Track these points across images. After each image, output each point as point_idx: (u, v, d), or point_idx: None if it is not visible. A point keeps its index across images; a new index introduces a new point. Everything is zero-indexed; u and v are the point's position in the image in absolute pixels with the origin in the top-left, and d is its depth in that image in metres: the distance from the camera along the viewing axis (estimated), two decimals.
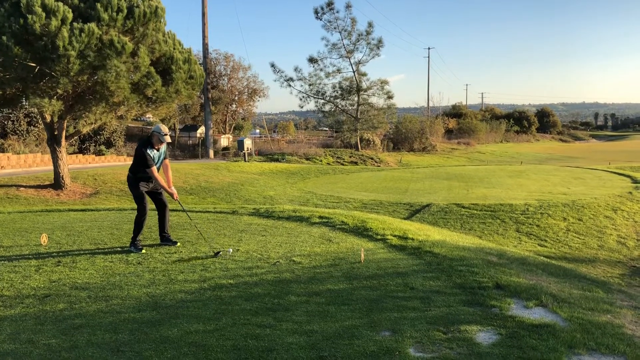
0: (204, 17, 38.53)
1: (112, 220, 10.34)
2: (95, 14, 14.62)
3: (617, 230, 14.02)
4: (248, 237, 8.05)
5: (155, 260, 6.80)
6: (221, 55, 52.59)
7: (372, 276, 5.78)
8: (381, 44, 41.85)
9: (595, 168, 28.03)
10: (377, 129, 45.91)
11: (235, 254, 6.94)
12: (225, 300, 5.09)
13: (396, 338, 4.05)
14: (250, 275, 5.97)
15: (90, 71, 15.15)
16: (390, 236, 7.79)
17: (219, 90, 51.29)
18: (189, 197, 19.13)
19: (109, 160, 33.69)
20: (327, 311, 4.71)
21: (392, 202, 17.30)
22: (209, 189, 20.98)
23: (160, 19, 16.50)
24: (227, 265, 6.40)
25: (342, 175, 27.19)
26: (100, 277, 6.03)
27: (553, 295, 5.07)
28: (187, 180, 22.02)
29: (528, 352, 3.75)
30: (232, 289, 5.45)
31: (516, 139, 77.79)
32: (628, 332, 4.29)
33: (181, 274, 6.08)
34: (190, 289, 5.50)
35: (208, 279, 5.84)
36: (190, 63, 17.65)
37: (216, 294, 5.30)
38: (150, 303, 5.09)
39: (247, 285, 5.59)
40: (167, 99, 17.35)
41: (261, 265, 6.35)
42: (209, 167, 26.59)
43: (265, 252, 7.00)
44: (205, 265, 6.42)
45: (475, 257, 6.60)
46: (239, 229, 8.83)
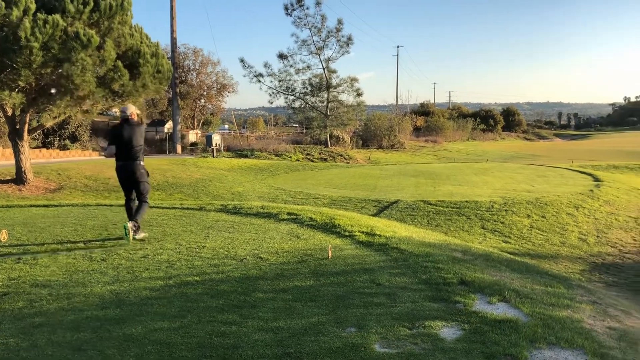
0: (172, 10, 37.98)
1: (75, 216, 10.12)
2: (60, 6, 14.27)
3: (579, 227, 14.39)
4: (215, 234, 7.99)
5: (120, 257, 6.69)
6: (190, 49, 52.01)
7: (339, 272, 5.80)
8: (351, 42, 41.96)
9: (558, 166, 28.69)
10: (347, 126, 46.05)
11: (202, 251, 6.88)
12: (190, 298, 5.04)
13: (362, 334, 4.07)
14: (216, 272, 5.92)
15: (55, 64, 14.78)
16: (358, 233, 7.83)
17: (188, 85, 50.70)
18: (156, 193, 18.87)
19: (74, 154, 32.97)
20: (294, 308, 4.71)
21: (361, 198, 17.39)
22: (176, 185, 20.73)
23: (127, 12, 16.20)
24: (194, 262, 6.35)
25: (311, 172, 27.21)
26: (63, 275, 5.90)
27: (516, 291, 5.18)
28: (154, 176, 21.70)
29: (491, 346, 3.82)
30: (198, 286, 5.40)
31: (482, 137, 79.07)
32: (586, 326, 4.41)
33: (146, 271, 5.99)
34: (155, 286, 5.43)
35: (174, 276, 5.77)
36: (158, 57, 17.39)
37: (182, 291, 5.24)
38: (114, 300, 5.01)
39: (213, 282, 5.55)
40: (134, 94, 17.06)
41: (228, 262, 6.31)
42: (177, 163, 26.27)
43: (233, 249, 6.96)
44: (171, 263, 6.35)
45: (440, 253, 6.69)
46: (206, 226, 8.76)
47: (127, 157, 7.67)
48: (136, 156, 7.68)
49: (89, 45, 14.52)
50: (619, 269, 11.88)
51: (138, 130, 7.77)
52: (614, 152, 51.01)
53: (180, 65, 47.43)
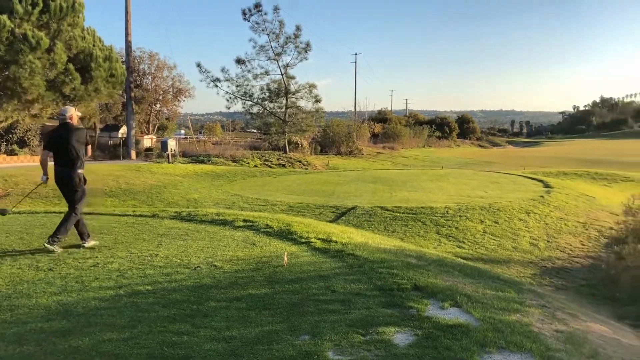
0: (127, 13, 37.29)
1: (22, 224, 9.75)
2: (7, 6, 13.80)
3: (530, 232, 14.77)
4: (168, 242, 7.84)
5: (68, 266, 6.48)
6: (145, 53, 51.05)
7: (295, 280, 5.77)
8: (309, 48, 42.08)
9: (510, 173, 29.44)
10: (306, 132, 46.11)
11: (154, 259, 6.73)
12: (141, 307, 4.92)
13: (315, 342, 4.06)
14: (169, 281, 5.80)
15: (1, 66, 14.27)
16: (315, 239, 7.82)
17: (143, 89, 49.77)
18: (109, 199, 18.41)
19: (22, 160, 31.83)
20: (247, 316, 4.65)
21: (319, 204, 17.40)
22: (129, 191, 20.27)
23: (79, 14, 15.80)
24: (145, 271, 6.20)
25: (269, 178, 27.07)
26: (6, 285, 5.67)
27: (467, 296, 5.26)
28: (106, 182, 21.18)
29: (442, 351, 3.86)
30: (149, 296, 5.27)
31: (438, 144, 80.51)
32: (535, 329, 4.52)
33: (96, 281, 5.82)
34: (105, 296, 5.27)
35: (124, 286, 5.62)
36: (111, 61, 17.03)
37: (132, 301, 5.11)
38: (60, 312, 4.84)
39: (165, 291, 5.43)
40: (86, 98, 16.65)
41: (181, 271, 6.19)
42: (131, 169, 25.71)
43: (186, 257, 6.84)
44: (122, 271, 6.19)
45: (395, 259, 6.75)
46: (159, 233, 8.58)
47: (64, 163, 7.21)
48: (73, 162, 7.20)
49: (38, 47, 14.09)
50: (567, 272, 12.26)
51: (76, 135, 7.26)
52: (564, 159, 52.77)
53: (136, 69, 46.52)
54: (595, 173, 30.25)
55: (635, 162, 44.55)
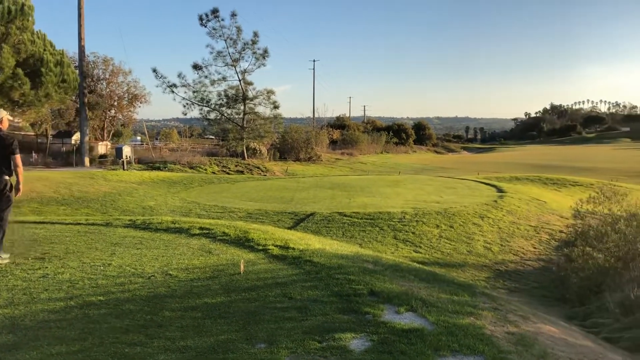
0: (80, 17, 36.38)
1: None
2: None
3: (484, 236, 15.10)
4: (122, 251, 7.66)
5: (15, 277, 6.25)
6: (100, 58, 49.97)
7: (251, 287, 5.73)
8: (267, 54, 42.03)
9: (465, 178, 30.05)
10: (264, 138, 45.95)
11: (107, 269, 6.57)
12: (93, 319, 4.79)
13: (271, 349, 4.04)
14: (122, 291, 5.67)
15: None
16: (272, 246, 7.79)
17: (97, 94, 48.65)
18: (61, 207, 17.88)
19: None
20: (203, 325, 4.59)
21: (278, 211, 17.34)
22: (83, 199, 19.74)
23: (28, 17, 15.35)
24: (98, 281, 6.04)
25: (227, 185, 26.83)
26: None
27: (422, 300, 5.34)
28: (58, 190, 20.57)
29: (398, 356, 3.90)
30: (101, 307, 5.14)
31: (395, 150, 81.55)
32: (487, 332, 4.62)
33: (45, 292, 5.63)
34: (55, 308, 5.11)
35: (75, 297, 5.46)
36: (63, 66, 16.59)
37: (83, 312, 4.97)
38: (7, 325, 4.66)
39: (118, 301, 5.30)
40: (37, 103, 16.17)
41: (135, 280, 6.06)
42: (84, 176, 25.04)
43: (140, 266, 6.70)
44: (74, 282, 6.01)
45: (352, 264, 6.79)
46: (113, 242, 8.38)
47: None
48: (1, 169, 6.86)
49: None
50: (520, 275, 12.58)
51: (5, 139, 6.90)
52: (516, 165, 54.26)
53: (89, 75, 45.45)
54: (546, 178, 31.21)
55: (584, 167, 46.24)
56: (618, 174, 37.62)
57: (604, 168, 45.31)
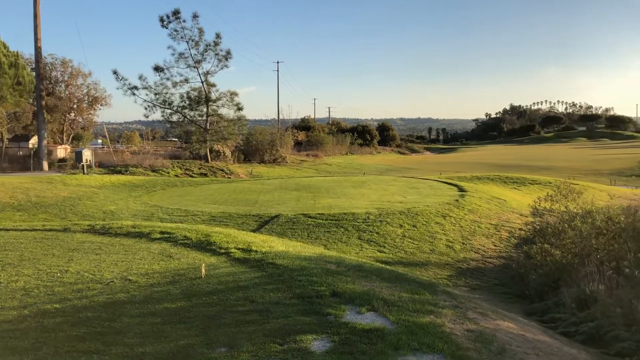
0: (36, 18, 35.34)
1: None
2: None
3: (446, 235, 15.31)
4: (80, 257, 7.48)
5: None
6: (58, 60, 48.72)
7: (213, 292, 5.67)
8: (229, 56, 41.66)
9: (428, 178, 30.41)
10: (228, 140, 45.53)
11: (64, 276, 6.41)
12: (48, 328, 4.66)
13: (232, 354, 4.01)
14: (79, 298, 5.54)
15: None
16: (234, 249, 7.73)
17: (56, 97, 47.43)
18: (17, 213, 17.35)
19: None
20: (162, 331, 4.52)
21: (242, 214, 17.21)
22: (40, 204, 19.20)
23: None
24: (54, 288, 5.88)
25: (190, 188, 26.50)
26: None
27: (384, 300, 5.38)
28: (14, 195, 19.96)
29: (359, 356, 3.92)
30: (57, 315, 5.01)
31: (360, 152, 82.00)
32: (447, 330, 4.69)
33: None
34: (7, 318, 4.95)
35: (30, 305, 5.31)
36: (18, 68, 16.12)
37: (38, 321, 4.83)
38: None
39: (75, 309, 5.18)
40: None
41: (93, 287, 5.93)
42: (42, 181, 24.35)
43: (99, 272, 6.55)
44: (28, 290, 5.84)
45: (315, 266, 6.79)
46: (71, 248, 8.18)
47: None
48: None
49: None
50: (481, 272, 12.81)
51: None
52: (477, 164, 55.25)
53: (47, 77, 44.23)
54: (506, 177, 31.85)
55: (542, 166, 47.43)
56: (575, 173, 38.75)
57: (561, 167, 46.58)
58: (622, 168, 42.48)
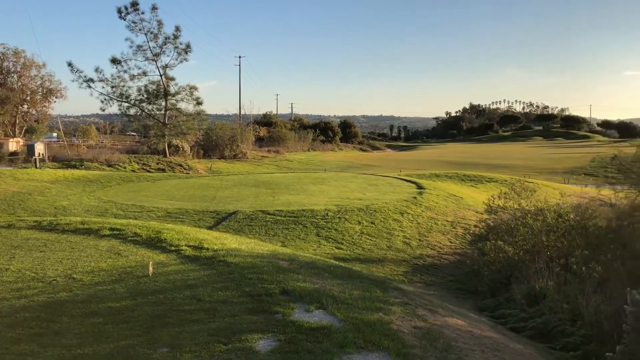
0: None
1: None
2: None
3: (404, 231, 15.44)
4: (23, 254, 7.21)
5: None
6: (10, 50, 47.15)
7: (159, 290, 5.54)
8: (189, 49, 41.01)
9: (388, 175, 30.65)
10: (187, 135, 44.84)
11: (4, 274, 6.15)
12: None
13: (174, 354, 3.90)
14: (18, 297, 5.32)
15: None
16: (185, 247, 7.57)
17: (7, 88, 45.88)
18: None
19: None
20: (103, 331, 4.38)
21: (199, 210, 16.97)
22: None
23: None
24: None
25: (147, 183, 25.98)
26: None
27: (334, 298, 5.35)
28: None
29: (304, 355, 3.87)
30: None
31: (322, 148, 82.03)
32: (394, 327, 4.69)
33: None
34: None
35: None
36: None
37: None
38: None
39: (12, 309, 4.97)
40: None
41: (34, 285, 5.71)
42: None
43: (42, 270, 6.32)
44: None
45: (267, 264, 6.72)
46: (14, 245, 7.87)
47: None
48: None
49: None
50: (437, 269, 12.96)
51: None
52: (437, 162, 56.01)
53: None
54: (464, 175, 32.39)
55: (500, 164, 48.42)
56: (530, 171, 39.69)
57: (518, 165, 47.64)
58: (575, 167, 43.74)
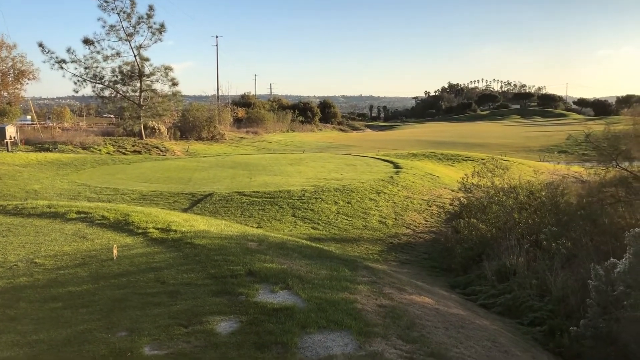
0: None
1: None
2: None
3: (380, 211, 15.47)
4: None
5: None
6: None
7: (123, 273, 5.45)
8: (164, 29, 40.23)
9: (366, 155, 30.63)
10: (163, 116, 44.24)
11: None
12: None
13: (132, 338, 3.84)
14: None
15: None
16: (153, 229, 7.47)
17: None
18: None
19: None
20: (61, 316, 4.29)
21: (174, 192, 16.79)
22: None
23: None
24: None
25: (122, 166, 25.62)
26: None
27: (300, 278, 5.32)
28: None
29: (264, 336, 3.84)
30: None
31: (301, 129, 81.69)
32: (359, 306, 4.67)
33: None
34: None
35: None
36: None
37: None
38: None
39: None
40: None
41: None
42: None
43: (3, 255, 6.18)
44: None
45: (235, 245, 6.66)
46: None
47: None
48: None
49: None
50: (412, 247, 13.03)
51: None
52: (415, 142, 56.18)
53: None
54: (441, 154, 32.52)
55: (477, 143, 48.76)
56: (507, 149, 40.06)
57: (495, 144, 48.00)
58: (550, 145, 44.23)
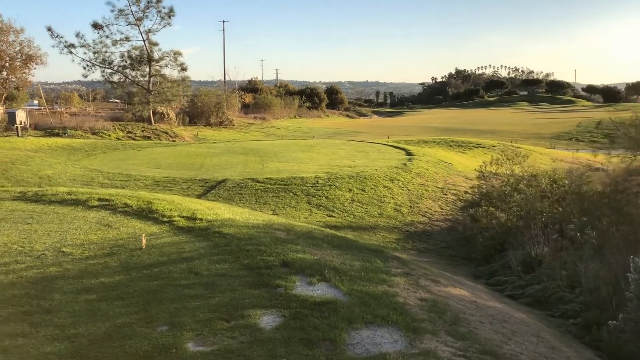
0: None
1: None
2: None
3: (394, 198, 15.34)
4: (8, 227, 6.93)
5: None
6: None
7: (154, 264, 5.33)
8: (173, 13, 39.89)
9: (376, 142, 30.44)
10: (172, 102, 44.04)
11: None
12: None
13: (174, 333, 3.72)
14: (5, 272, 5.09)
15: None
16: (178, 217, 7.34)
17: None
18: None
19: None
20: (98, 309, 4.18)
21: (187, 178, 16.69)
22: None
23: None
24: None
25: (133, 151, 25.53)
26: None
27: (335, 269, 5.19)
28: None
29: (310, 332, 3.72)
30: None
31: (308, 115, 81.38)
32: (400, 300, 4.54)
33: None
34: None
35: None
36: None
37: None
38: None
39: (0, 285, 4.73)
40: None
41: (22, 260, 5.47)
42: None
43: (29, 244, 6.07)
44: None
45: (264, 234, 6.52)
46: None
47: None
48: None
49: None
50: (428, 235, 12.91)
51: None
52: (424, 128, 55.85)
53: None
54: (452, 141, 32.27)
55: (486, 129, 48.39)
56: (517, 136, 39.71)
57: (504, 130, 47.63)
58: (561, 132, 43.83)
